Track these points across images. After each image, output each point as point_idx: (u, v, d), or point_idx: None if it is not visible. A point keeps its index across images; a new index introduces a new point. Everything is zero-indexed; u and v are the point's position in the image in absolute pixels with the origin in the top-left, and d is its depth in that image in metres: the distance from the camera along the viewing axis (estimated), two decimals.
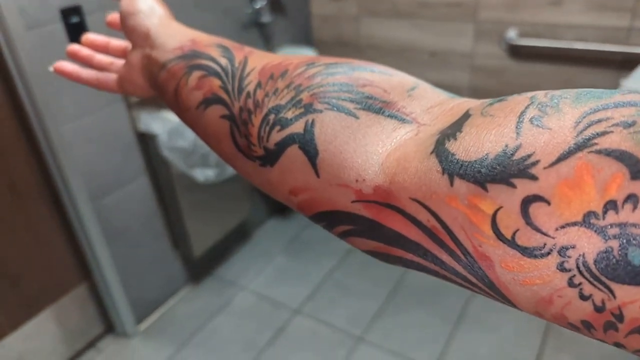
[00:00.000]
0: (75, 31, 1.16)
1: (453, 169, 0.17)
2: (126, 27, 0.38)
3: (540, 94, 0.17)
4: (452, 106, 0.20)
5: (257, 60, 0.28)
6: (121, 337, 1.45)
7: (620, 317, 0.14)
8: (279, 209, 1.88)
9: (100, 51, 0.45)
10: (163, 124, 1.28)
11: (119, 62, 0.43)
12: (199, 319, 1.49)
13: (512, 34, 1.47)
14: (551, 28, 1.43)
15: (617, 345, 0.14)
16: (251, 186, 1.66)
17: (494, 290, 0.17)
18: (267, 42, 1.64)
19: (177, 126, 1.26)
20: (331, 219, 0.22)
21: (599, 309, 0.14)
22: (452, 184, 0.16)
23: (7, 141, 1.15)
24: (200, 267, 1.63)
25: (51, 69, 0.44)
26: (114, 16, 0.43)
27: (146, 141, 1.35)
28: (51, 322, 1.34)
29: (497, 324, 1.37)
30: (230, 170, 1.37)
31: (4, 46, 1.07)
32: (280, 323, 1.46)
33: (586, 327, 0.15)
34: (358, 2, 1.67)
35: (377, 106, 0.21)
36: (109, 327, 1.46)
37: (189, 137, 1.27)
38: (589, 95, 0.15)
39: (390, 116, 0.21)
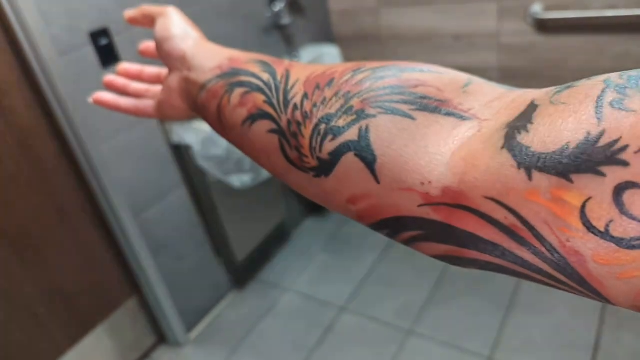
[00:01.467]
0: (105, 53, 1.19)
1: (530, 162, 0.16)
2: (162, 52, 0.38)
3: (613, 76, 0.16)
4: (513, 98, 0.19)
5: (300, 71, 0.27)
6: (174, 347, 1.48)
7: None
8: (315, 208, 1.88)
9: (135, 79, 0.45)
10: (196, 134, 1.30)
11: (154, 88, 0.44)
12: (247, 323, 1.51)
13: (537, 9, 1.43)
14: None
15: None
16: (286, 187, 1.67)
17: (585, 287, 0.16)
18: (289, 43, 1.64)
19: (209, 135, 1.27)
20: (396, 226, 0.21)
21: None
22: (530, 178, 0.16)
23: (51, 165, 1.19)
24: (243, 272, 1.65)
25: (90, 100, 0.45)
26: (146, 45, 0.44)
27: (181, 152, 1.37)
28: (106, 337, 1.38)
29: (550, 306, 1.33)
30: (265, 174, 1.37)
31: (39, 73, 1.10)
32: (328, 322, 1.46)
33: None
34: None
35: (433, 105, 0.21)
36: (161, 337, 1.49)
37: (222, 145, 1.28)
38: None
39: (448, 114, 0.20)
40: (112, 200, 1.25)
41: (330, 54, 1.67)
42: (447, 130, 0.20)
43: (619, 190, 0.14)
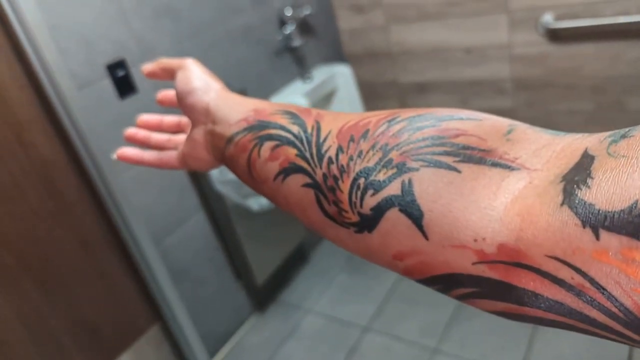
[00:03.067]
0: (122, 83, 1.21)
1: (596, 221, 0.15)
2: (185, 106, 0.38)
3: None
4: (563, 146, 0.19)
5: (331, 122, 0.27)
6: None
7: None
8: None
9: (155, 129, 0.45)
10: None
11: (176, 138, 0.44)
12: (269, 347, 1.50)
13: (548, 18, 1.43)
14: (588, 6, 1.37)
15: None
16: None
17: None
18: (301, 64, 1.65)
19: None
20: (448, 283, 0.20)
21: None
22: (598, 237, 0.15)
23: (72, 197, 1.20)
24: (264, 295, 1.64)
25: (114, 157, 0.45)
26: (164, 93, 0.44)
27: (198, 178, 1.38)
28: None
29: None
30: None
31: (59, 108, 1.12)
32: (352, 342, 1.44)
33: None
34: (384, 11, 1.67)
35: (478, 156, 0.20)
36: None
37: None
38: None
39: (495, 164, 0.19)
40: (133, 229, 1.26)
41: (342, 72, 1.68)
42: (496, 183, 0.19)
43: None
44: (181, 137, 0.43)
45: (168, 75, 0.41)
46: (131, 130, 0.45)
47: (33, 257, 1.14)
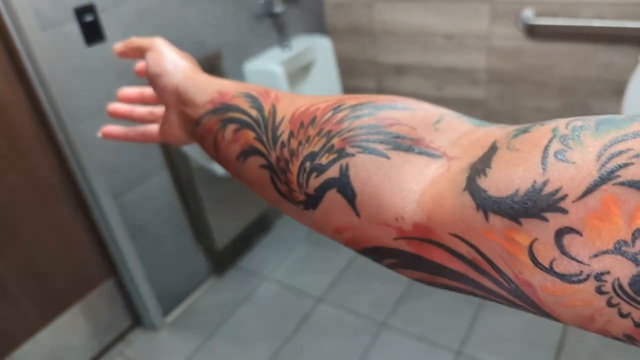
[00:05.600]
0: (90, 30, 1.16)
1: (487, 205, 0.18)
2: (156, 88, 0.40)
3: (561, 125, 0.18)
4: (479, 137, 0.21)
5: (285, 107, 0.29)
6: (149, 330, 1.48)
7: None
8: None
9: (137, 102, 0.47)
10: None
11: (157, 110, 0.46)
12: (223, 310, 1.52)
13: (528, 14, 1.45)
14: (568, 6, 1.40)
15: None
16: None
17: (539, 311, 0.18)
18: (280, 32, 1.62)
19: None
20: (377, 254, 0.23)
21: (638, 325, 0.15)
22: (487, 219, 0.18)
23: (28, 142, 1.16)
24: (223, 259, 1.65)
25: (99, 135, 0.46)
26: (141, 65, 0.45)
27: None
28: (80, 317, 1.37)
29: None
30: None
31: (20, 47, 1.07)
32: (304, 311, 1.48)
33: (629, 339, 0.16)
34: None
35: (407, 144, 0.22)
36: (137, 320, 1.49)
37: None
38: (609, 125, 0.16)
39: (420, 153, 0.22)
40: (92, 180, 1.23)
41: (322, 45, 1.66)
42: (420, 169, 0.21)
43: (560, 234, 0.16)
44: (162, 110, 0.44)
45: (138, 54, 0.43)
46: (114, 106, 0.46)
47: None
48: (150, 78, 0.41)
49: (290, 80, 1.63)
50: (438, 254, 0.20)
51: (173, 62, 0.40)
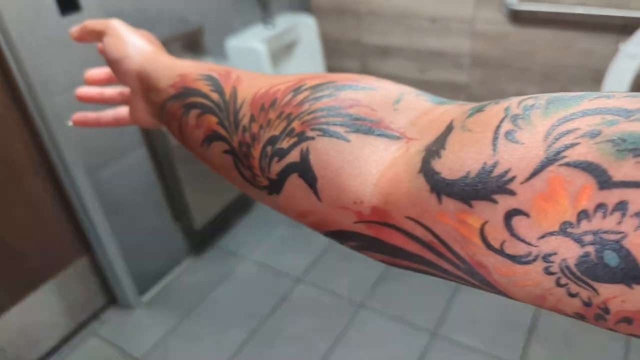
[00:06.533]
0: None
1: (439, 187, 0.18)
2: (118, 75, 0.39)
3: (514, 104, 0.17)
4: (437, 116, 0.21)
5: (246, 89, 0.29)
6: (124, 309, 1.46)
7: (606, 310, 0.15)
8: None
9: (105, 83, 0.45)
10: None
11: (127, 90, 0.44)
12: (201, 290, 1.50)
13: None
14: None
15: (610, 329, 0.16)
16: None
17: (495, 290, 0.18)
18: (264, 8, 1.59)
19: None
20: (340, 237, 0.24)
21: (587, 304, 0.15)
22: (440, 201, 0.18)
23: (0, 114, 1.12)
24: (201, 239, 1.63)
25: (70, 123, 0.45)
26: (90, 73, 0.44)
27: None
28: (52, 295, 1.34)
29: None
30: None
31: None
32: (282, 292, 1.47)
33: (579, 317, 0.16)
34: None
35: (367, 126, 0.22)
36: (112, 299, 1.47)
37: None
38: (558, 103, 0.16)
39: (380, 135, 0.22)
40: (65, 156, 1.19)
41: (306, 24, 1.64)
42: (379, 152, 0.21)
43: (508, 216, 0.16)
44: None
45: (95, 38, 0.41)
46: (83, 90, 0.45)
47: None
48: (110, 63, 0.39)
49: (273, 59, 1.61)
50: (396, 237, 0.20)
51: (133, 45, 0.38)
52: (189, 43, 1.41)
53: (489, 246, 0.16)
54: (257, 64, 1.46)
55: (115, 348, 1.36)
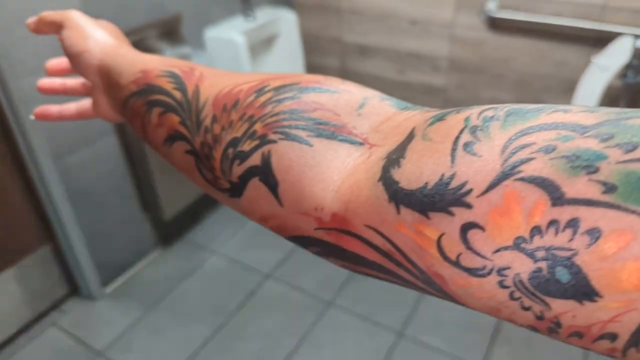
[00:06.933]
0: None
1: (398, 197, 0.18)
2: (79, 69, 0.38)
3: (474, 114, 0.17)
4: (400, 122, 0.21)
5: (209, 88, 0.28)
6: (86, 300, 1.42)
7: (558, 324, 0.15)
8: None
9: (67, 73, 0.43)
10: None
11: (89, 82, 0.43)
12: (168, 283, 1.48)
13: (491, 6, 1.47)
14: (530, 2, 1.43)
15: (563, 341, 0.16)
16: None
17: (452, 300, 0.18)
18: (245, 0, 1.57)
19: None
20: (302, 242, 0.23)
21: (539, 318, 0.16)
22: (398, 211, 0.18)
23: None
24: (170, 231, 1.60)
25: (32, 117, 0.43)
26: (51, 63, 0.42)
27: None
28: (12, 283, 1.29)
29: None
30: None
31: None
32: (251, 287, 1.46)
33: (533, 329, 0.16)
34: None
35: (330, 131, 0.22)
36: (74, 289, 1.43)
37: None
38: (516, 116, 0.16)
39: (343, 140, 0.22)
40: (31, 140, 1.15)
41: (287, 19, 1.63)
42: (342, 158, 0.21)
43: (465, 229, 0.16)
44: None
45: (53, 30, 0.39)
46: (44, 81, 0.43)
47: None
48: (69, 58, 0.37)
49: (252, 52, 1.59)
50: (356, 245, 0.20)
51: (93, 39, 0.37)
52: (166, 31, 1.38)
53: (445, 258, 0.17)
54: (236, 56, 1.44)
55: (75, 339, 1.33)
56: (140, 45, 1.33)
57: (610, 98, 1.42)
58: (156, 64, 0.32)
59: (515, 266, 0.15)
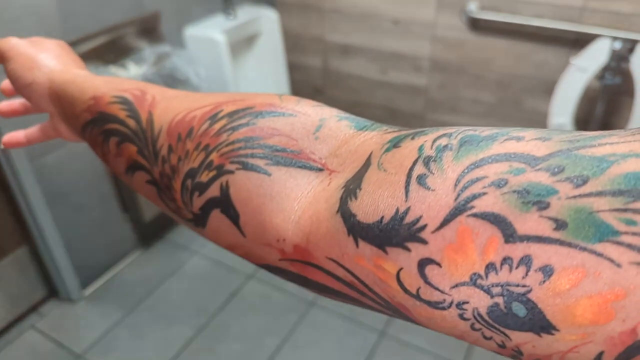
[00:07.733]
0: None
1: (356, 230, 0.18)
2: (30, 100, 0.37)
3: (427, 143, 0.17)
4: (357, 146, 0.21)
5: (162, 115, 0.27)
6: (65, 302, 1.40)
7: (519, 352, 0.15)
8: None
9: (23, 109, 0.43)
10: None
11: None
12: (148, 284, 1.46)
13: (472, 6, 1.48)
14: (511, 3, 1.44)
15: None
16: None
17: (422, 325, 0.18)
18: (227, 0, 1.56)
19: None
20: (269, 270, 0.23)
21: (501, 346, 0.16)
22: (357, 245, 0.18)
23: None
24: (151, 231, 1.58)
25: (1, 146, 0.43)
26: (5, 83, 0.41)
27: None
28: None
29: None
30: None
31: None
32: (233, 288, 1.45)
33: (498, 354, 0.17)
34: None
35: (288, 158, 0.22)
36: (52, 291, 1.41)
37: None
38: (469, 146, 0.16)
39: (302, 167, 0.21)
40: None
41: (269, 17, 1.62)
42: (302, 186, 0.21)
43: (422, 265, 0.16)
44: None
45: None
46: (3, 104, 0.42)
47: None
48: (18, 91, 0.37)
49: (233, 51, 1.58)
50: (319, 275, 0.20)
51: (38, 69, 0.35)
52: (145, 29, 1.36)
53: (406, 291, 0.17)
54: (216, 55, 1.43)
55: (54, 342, 1.31)
56: (119, 43, 1.31)
57: (589, 99, 1.45)
58: (106, 89, 0.31)
59: (473, 301, 0.15)
